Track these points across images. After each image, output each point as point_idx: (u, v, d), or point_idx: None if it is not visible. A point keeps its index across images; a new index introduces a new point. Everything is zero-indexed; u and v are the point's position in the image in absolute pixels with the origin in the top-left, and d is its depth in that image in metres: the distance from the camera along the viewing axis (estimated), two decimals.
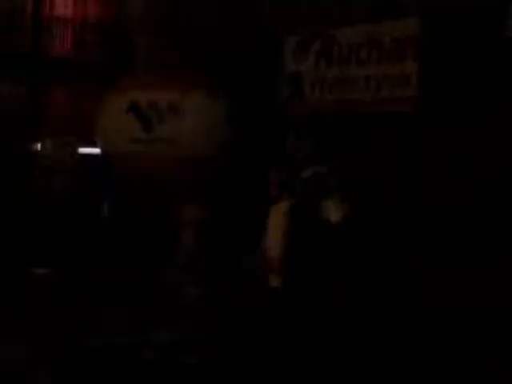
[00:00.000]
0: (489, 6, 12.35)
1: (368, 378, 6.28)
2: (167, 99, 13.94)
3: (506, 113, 11.78)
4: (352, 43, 15.19)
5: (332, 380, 5.43)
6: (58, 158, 14.93)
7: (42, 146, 15.04)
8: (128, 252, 11.92)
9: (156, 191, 13.59)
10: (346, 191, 4.19)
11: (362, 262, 4.45)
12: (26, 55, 15.75)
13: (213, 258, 11.38)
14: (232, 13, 17.64)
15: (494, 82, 12.03)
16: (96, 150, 14.92)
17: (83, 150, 15.35)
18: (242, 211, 12.90)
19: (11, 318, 8.05)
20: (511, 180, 11.14)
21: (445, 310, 8.77)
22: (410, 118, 13.80)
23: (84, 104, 15.81)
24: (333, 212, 4.04)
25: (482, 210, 11.24)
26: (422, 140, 13.15)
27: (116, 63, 15.85)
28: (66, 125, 15.93)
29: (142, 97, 14.10)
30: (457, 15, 13.20)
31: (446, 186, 12.27)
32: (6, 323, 7.81)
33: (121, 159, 14.19)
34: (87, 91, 15.92)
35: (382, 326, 7.51)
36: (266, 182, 8.14)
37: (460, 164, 12.29)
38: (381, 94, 14.46)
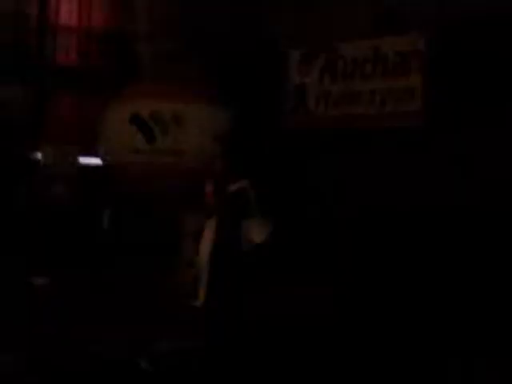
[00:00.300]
0: (493, 19, 12.34)
1: None
2: (171, 110, 13.86)
3: None
4: (356, 57, 15.16)
5: None
6: (58, 166, 14.85)
7: (43, 155, 14.96)
8: (129, 263, 11.78)
9: (158, 202, 13.48)
10: (269, 209, 4.08)
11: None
12: (29, 62, 15.69)
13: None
14: (236, 25, 17.62)
15: (500, 95, 11.98)
16: (98, 160, 14.83)
17: (85, 160, 15.27)
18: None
19: (9, 328, 7.93)
20: None
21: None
22: (414, 131, 13.75)
23: (87, 113, 15.73)
24: (255, 232, 3.93)
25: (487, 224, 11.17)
26: (426, 154, 13.10)
27: (120, 72, 15.78)
28: (69, 133, 15.85)
29: (145, 107, 14.02)
30: (461, 27, 13.18)
31: (449, 200, 12.21)
32: (4, 333, 7.68)
33: (123, 170, 14.10)
34: (91, 100, 15.84)
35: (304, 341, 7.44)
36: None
37: (465, 178, 12.23)
38: (385, 108, 14.41)
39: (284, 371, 6.88)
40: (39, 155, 14.94)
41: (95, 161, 14.97)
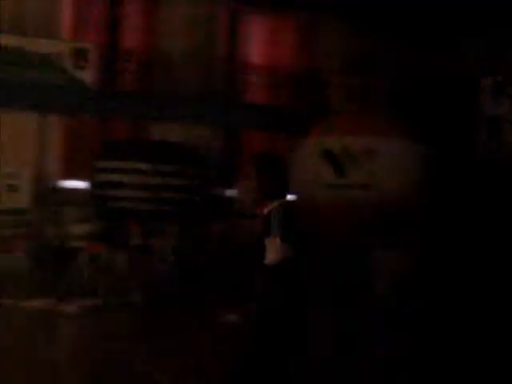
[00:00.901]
0: None
1: None
2: (362, 144, 13.76)
3: None
4: None
5: None
6: (248, 202, 15.09)
7: (236, 190, 15.25)
8: (317, 302, 11.66)
9: (349, 238, 13.34)
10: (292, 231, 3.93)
11: None
12: (220, 100, 16.10)
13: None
14: (426, 56, 17.42)
15: None
16: (289, 195, 14.90)
17: None
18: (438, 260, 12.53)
19: (201, 365, 7.93)
20: None
21: None
22: None
23: (278, 149, 15.94)
24: (269, 252, 3.81)
25: None
26: None
27: (310, 109, 15.89)
28: None
29: (336, 142, 14.01)
30: None
31: None
32: (196, 370, 7.70)
33: (314, 204, 14.11)
34: (281, 136, 16.06)
35: None
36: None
37: None
38: None
39: None
40: (234, 192, 15.25)
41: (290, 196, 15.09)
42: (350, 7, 16.11)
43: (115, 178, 13.56)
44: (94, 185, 14.05)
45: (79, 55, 15.16)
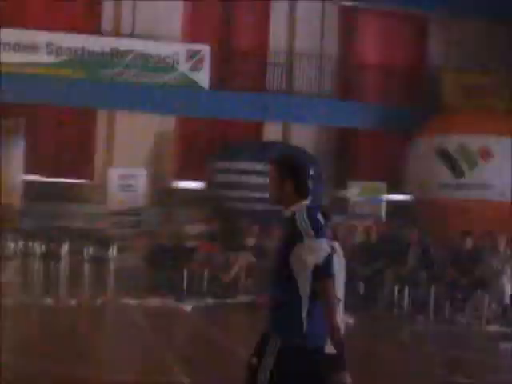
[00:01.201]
0: None
1: None
2: (479, 143, 13.49)
3: None
4: None
5: None
6: (364, 203, 14.96)
7: (349, 191, 15.13)
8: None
9: (467, 239, 13.04)
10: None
11: None
12: (334, 100, 16.02)
13: None
14: None
15: None
16: (404, 196, 14.76)
17: (391, 196, 15.24)
18: None
19: None
20: None
21: None
22: None
23: (393, 148, 15.76)
24: (307, 256, 3.59)
25: None
26: None
27: (425, 106, 15.60)
28: (375, 169, 15.97)
29: (452, 141, 13.79)
30: None
31: None
32: None
33: (430, 205, 13.91)
34: (395, 136, 15.88)
35: None
36: None
37: None
38: None
39: None
40: (347, 193, 15.11)
41: (402, 197, 14.93)
42: (463, 3, 15.81)
43: (232, 178, 13.59)
44: (211, 185, 14.13)
45: (194, 57, 15.29)
